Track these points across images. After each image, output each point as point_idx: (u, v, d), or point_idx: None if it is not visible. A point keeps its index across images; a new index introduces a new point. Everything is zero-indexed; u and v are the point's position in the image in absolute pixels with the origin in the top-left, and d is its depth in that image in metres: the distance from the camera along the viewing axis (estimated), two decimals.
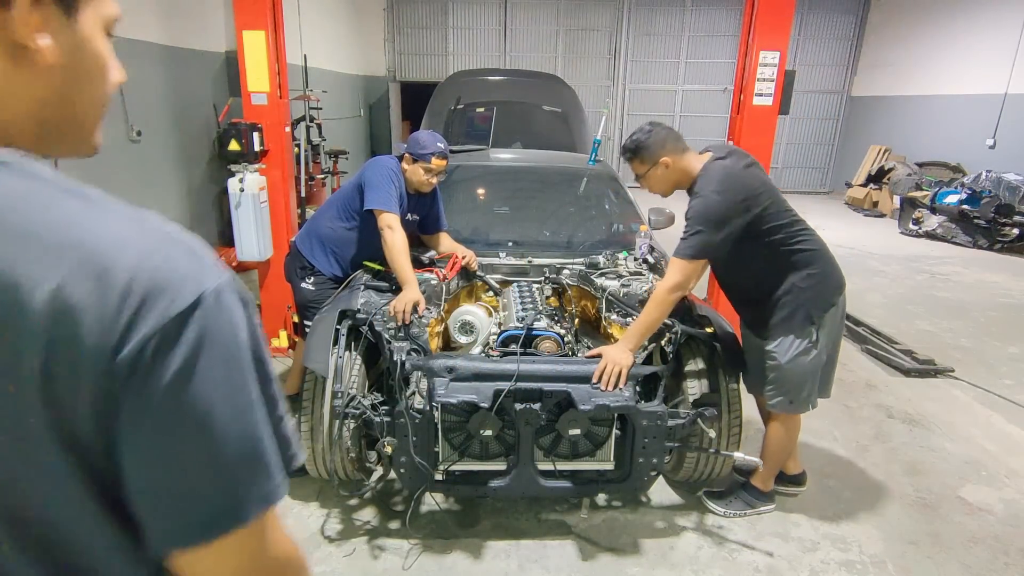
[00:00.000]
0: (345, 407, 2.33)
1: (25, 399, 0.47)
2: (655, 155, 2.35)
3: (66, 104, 0.57)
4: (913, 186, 9.55)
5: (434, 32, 12.81)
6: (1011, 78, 9.16)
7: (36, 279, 0.46)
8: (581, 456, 2.41)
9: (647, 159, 2.36)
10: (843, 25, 12.64)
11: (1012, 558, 2.48)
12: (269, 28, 3.66)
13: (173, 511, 0.52)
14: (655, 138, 2.36)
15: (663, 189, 2.43)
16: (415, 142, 2.81)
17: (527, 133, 5.41)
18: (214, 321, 0.51)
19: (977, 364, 4.37)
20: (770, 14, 3.61)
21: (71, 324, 0.46)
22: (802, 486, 2.81)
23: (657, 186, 2.42)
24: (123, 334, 0.47)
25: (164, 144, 5.52)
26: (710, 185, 2.27)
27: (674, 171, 2.36)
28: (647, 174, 2.39)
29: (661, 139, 2.36)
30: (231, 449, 0.53)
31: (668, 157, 2.34)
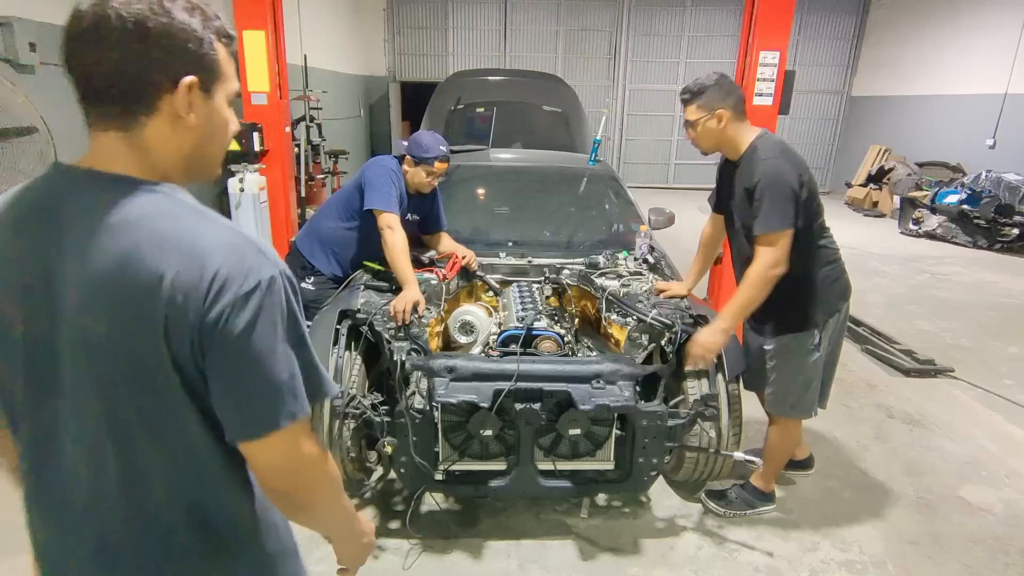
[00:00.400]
0: (345, 407, 2.33)
1: (155, 340, 0.75)
2: (715, 104, 2.22)
3: (202, 151, 0.85)
4: (913, 186, 9.56)
5: (434, 32, 12.81)
6: (1011, 78, 9.16)
7: (167, 267, 0.74)
8: (581, 456, 2.41)
9: (705, 106, 2.22)
10: (843, 25, 12.64)
11: (1012, 558, 2.48)
12: (269, 28, 3.66)
13: (236, 416, 0.81)
14: (721, 87, 2.23)
15: (708, 144, 2.30)
16: (417, 144, 2.81)
17: (527, 133, 5.41)
18: (267, 299, 0.78)
19: (977, 364, 4.37)
20: (770, 14, 3.61)
21: (182, 297, 0.74)
22: (809, 469, 2.84)
23: (704, 139, 2.28)
24: (210, 304, 0.75)
25: None
26: (772, 152, 2.18)
27: (726, 129, 2.24)
28: (700, 122, 2.25)
29: (726, 90, 2.23)
30: (270, 380, 0.80)
31: (727, 112, 2.22)
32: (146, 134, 0.79)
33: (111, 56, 0.74)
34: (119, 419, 0.80)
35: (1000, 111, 9.30)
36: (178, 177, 0.83)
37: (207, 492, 0.87)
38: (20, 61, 3.75)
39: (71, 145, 4.16)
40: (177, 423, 0.81)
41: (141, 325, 0.74)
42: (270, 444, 0.81)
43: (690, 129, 2.31)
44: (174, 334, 0.75)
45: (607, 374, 2.29)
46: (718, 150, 2.36)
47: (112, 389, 0.78)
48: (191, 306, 0.74)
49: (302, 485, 0.87)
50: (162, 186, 0.80)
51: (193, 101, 0.79)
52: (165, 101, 0.78)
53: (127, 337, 0.76)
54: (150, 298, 0.73)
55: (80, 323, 0.76)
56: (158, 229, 0.75)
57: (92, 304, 0.75)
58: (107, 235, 0.74)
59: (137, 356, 0.76)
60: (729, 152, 2.34)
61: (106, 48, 0.73)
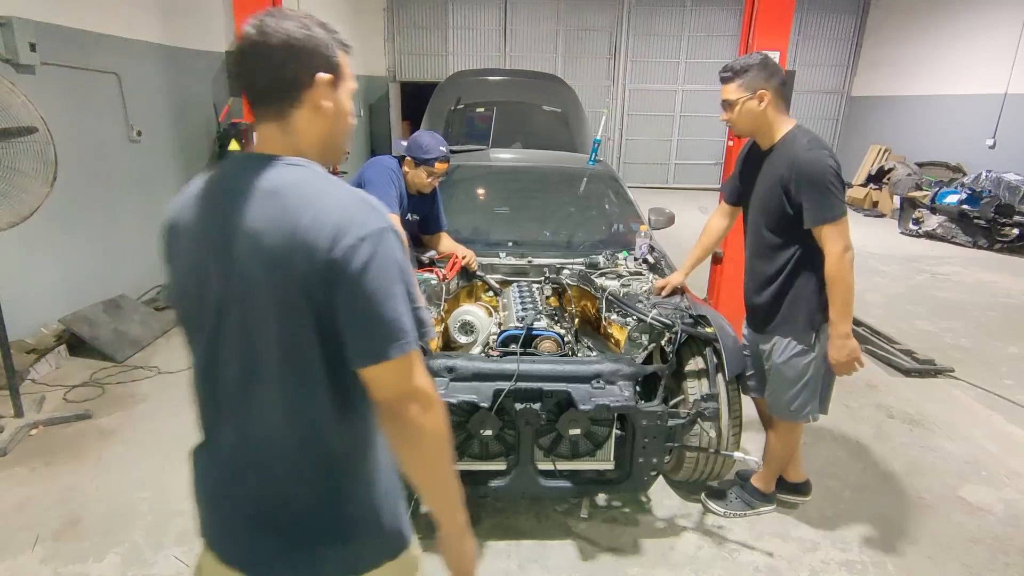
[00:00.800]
0: None
1: (294, 280, 0.93)
2: (758, 84, 2.13)
3: (332, 133, 1.07)
4: (913, 186, 9.56)
5: (434, 32, 12.81)
6: (1011, 78, 9.16)
7: (303, 219, 0.93)
8: (581, 456, 2.41)
9: (747, 85, 2.14)
10: (843, 25, 12.64)
11: (1012, 558, 2.48)
12: None
13: (358, 344, 0.97)
14: (765, 67, 2.14)
15: (744, 125, 2.22)
16: (417, 145, 2.80)
17: (527, 133, 5.41)
18: (379, 245, 0.94)
19: (977, 364, 4.37)
20: (770, 14, 3.61)
21: (312, 241, 0.92)
22: (806, 496, 2.74)
23: (742, 120, 2.20)
24: (332, 247, 0.92)
25: (164, 144, 5.51)
26: (817, 143, 2.13)
27: (766, 111, 2.16)
28: (739, 102, 2.17)
29: (771, 71, 2.14)
30: (384, 314, 0.95)
31: (768, 93, 2.14)
32: (294, 123, 1.02)
33: (270, 65, 0.98)
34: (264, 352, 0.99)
35: (1000, 111, 9.30)
36: (316, 157, 1.05)
37: (324, 421, 1.02)
38: (20, 61, 3.75)
39: (71, 145, 4.17)
40: (306, 356, 0.98)
41: (285, 268, 0.93)
42: (386, 370, 0.97)
43: (727, 110, 2.22)
44: (307, 274, 0.93)
45: (607, 374, 2.29)
46: (754, 134, 2.27)
47: (262, 325, 0.98)
48: (319, 248, 0.92)
49: (413, 413, 1.00)
50: (303, 161, 1.02)
51: (326, 93, 1.02)
52: (307, 95, 1.01)
53: (276, 279, 0.95)
54: (291, 244, 0.93)
55: (243, 268, 0.97)
56: (300, 192, 0.96)
57: (253, 252, 0.96)
58: (265, 199, 0.96)
59: (282, 295, 0.95)
60: (764, 138, 2.25)
61: (266, 60, 0.98)
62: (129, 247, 5.00)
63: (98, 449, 3.07)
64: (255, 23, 0.98)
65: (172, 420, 3.36)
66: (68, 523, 2.54)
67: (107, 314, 4.38)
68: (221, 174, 1.05)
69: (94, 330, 4.15)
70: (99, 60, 4.55)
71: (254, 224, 0.95)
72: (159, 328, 4.55)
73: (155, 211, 5.41)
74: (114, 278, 4.77)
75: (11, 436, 3.06)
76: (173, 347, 4.34)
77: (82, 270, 4.45)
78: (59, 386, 3.69)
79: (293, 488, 1.04)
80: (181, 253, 1.06)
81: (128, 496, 2.72)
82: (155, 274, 5.39)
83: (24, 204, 2.88)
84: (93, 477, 2.85)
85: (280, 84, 0.99)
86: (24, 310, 3.88)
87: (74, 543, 2.42)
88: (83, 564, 2.32)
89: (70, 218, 4.30)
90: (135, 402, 3.56)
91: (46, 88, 4.02)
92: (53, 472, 2.87)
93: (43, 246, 4.08)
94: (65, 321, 4.12)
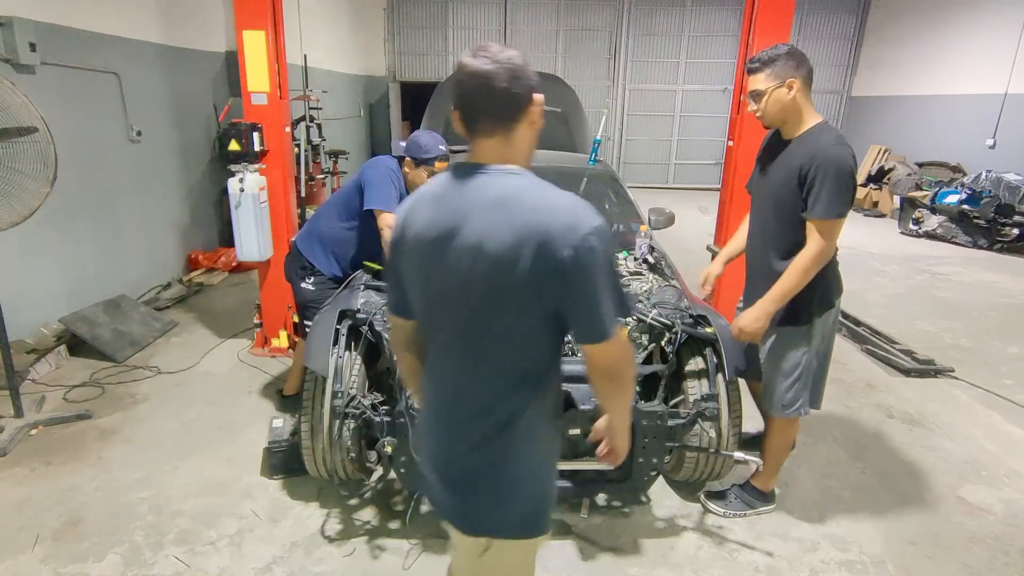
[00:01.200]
0: (345, 407, 2.33)
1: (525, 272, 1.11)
2: (787, 73, 2.14)
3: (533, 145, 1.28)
4: (913, 186, 9.56)
5: (434, 32, 12.81)
6: (1011, 78, 9.16)
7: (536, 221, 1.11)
8: (581, 456, 2.41)
9: (777, 74, 2.14)
10: (843, 25, 12.64)
11: (1012, 558, 2.48)
12: (269, 28, 3.66)
13: (583, 327, 1.18)
14: (793, 56, 2.15)
15: (774, 114, 2.21)
16: (416, 146, 2.80)
17: None
18: (599, 240, 1.13)
19: (977, 364, 4.37)
20: (770, 14, 3.61)
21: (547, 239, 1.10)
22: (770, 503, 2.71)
23: (771, 108, 2.19)
24: (564, 243, 1.10)
25: (164, 144, 5.52)
26: (839, 140, 2.14)
27: (795, 100, 2.17)
28: (769, 91, 2.17)
29: (798, 60, 2.15)
30: (604, 302, 1.15)
31: (798, 81, 2.14)
32: (514, 136, 1.22)
33: (503, 88, 1.17)
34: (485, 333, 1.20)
35: (1000, 111, 9.30)
36: (524, 164, 1.25)
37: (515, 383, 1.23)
38: (20, 61, 3.75)
39: (71, 145, 4.17)
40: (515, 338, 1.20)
41: (517, 262, 1.11)
42: (606, 346, 1.19)
43: (754, 100, 2.23)
44: (538, 269, 1.11)
45: None
46: (782, 123, 2.26)
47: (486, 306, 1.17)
48: (553, 245, 1.10)
49: (622, 369, 1.26)
50: (519, 170, 1.22)
51: (537, 111, 1.22)
52: (526, 113, 1.21)
53: (505, 271, 1.12)
54: (525, 242, 1.10)
55: (473, 263, 1.14)
56: (528, 197, 1.15)
57: (484, 249, 1.13)
58: (496, 203, 1.14)
59: (510, 286, 1.13)
60: (791, 126, 2.25)
61: (499, 84, 1.16)
62: (129, 247, 5.01)
63: (98, 449, 3.07)
64: (484, 54, 1.17)
65: (172, 420, 3.36)
66: (68, 523, 2.54)
67: (107, 314, 4.38)
68: (450, 180, 1.24)
69: (94, 330, 4.15)
70: (99, 60, 4.55)
71: (486, 224, 1.14)
72: (159, 328, 4.55)
73: (155, 211, 5.42)
74: (114, 278, 4.77)
75: (11, 436, 3.06)
76: (173, 347, 4.34)
77: (82, 270, 4.45)
78: (59, 386, 3.69)
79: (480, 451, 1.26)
80: (409, 251, 1.25)
81: (128, 496, 2.72)
82: (155, 274, 5.40)
83: (24, 204, 2.88)
84: (93, 477, 2.85)
85: (511, 104, 1.19)
86: (24, 310, 3.88)
87: (74, 543, 2.42)
88: (83, 564, 2.32)
89: (70, 218, 4.30)
90: (135, 402, 3.56)
91: (46, 88, 4.02)
92: (53, 472, 2.88)
93: (43, 246, 4.08)
94: (65, 321, 4.12)
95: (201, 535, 2.49)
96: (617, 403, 1.36)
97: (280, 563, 2.34)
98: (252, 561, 2.35)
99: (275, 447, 2.81)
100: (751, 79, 2.21)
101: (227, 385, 3.79)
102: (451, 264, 1.18)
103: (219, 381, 3.84)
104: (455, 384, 1.27)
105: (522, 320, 1.17)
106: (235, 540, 2.47)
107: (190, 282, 5.60)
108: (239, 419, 3.37)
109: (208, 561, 2.35)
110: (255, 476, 2.87)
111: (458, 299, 1.19)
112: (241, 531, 2.52)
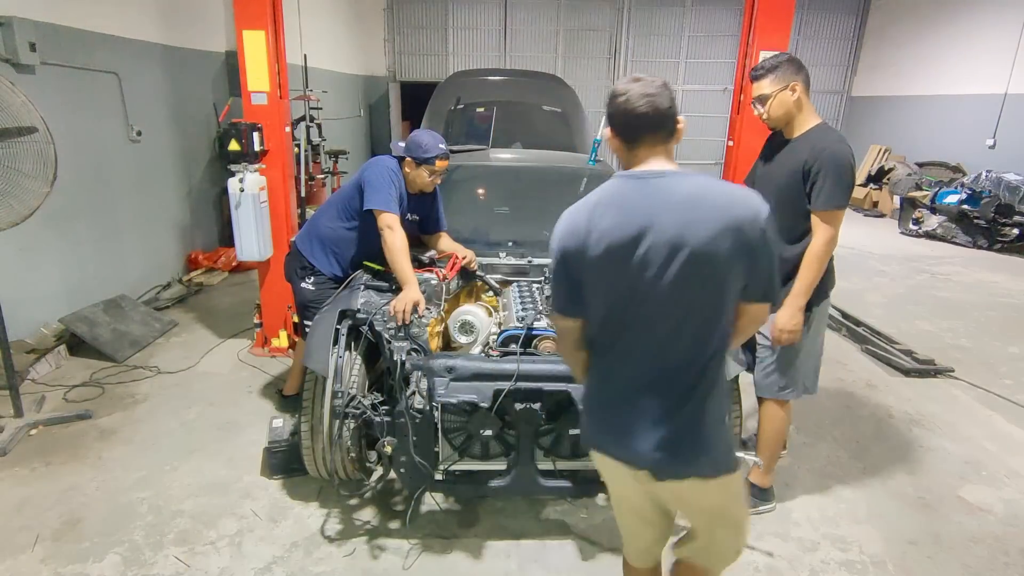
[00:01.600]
0: (345, 407, 2.33)
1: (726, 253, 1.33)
2: (789, 77, 2.33)
3: None
4: (913, 186, 9.55)
5: (434, 32, 12.81)
6: (1011, 78, 9.16)
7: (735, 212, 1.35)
8: (581, 456, 2.41)
9: (781, 79, 2.33)
10: (843, 25, 12.64)
11: (1012, 558, 2.48)
12: (269, 28, 3.66)
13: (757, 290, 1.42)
14: (793, 63, 2.35)
15: (779, 115, 2.37)
16: (416, 145, 2.80)
17: (527, 133, 5.40)
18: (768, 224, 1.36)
19: (977, 364, 4.37)
20: (770, 14, 3.61)
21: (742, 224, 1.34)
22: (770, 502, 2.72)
23: (776, 110, 2.36)
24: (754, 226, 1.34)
25: (164, 144, 5.52)
26: (839, 137, 2.31)
27: (798, 101, 2.34)
28: (775, 94, 2.34)
29: (798, 67, 2.35)
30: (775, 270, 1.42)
31: (799, 84, 2.33)
32: (670, 147, 1.45)
33: (668, 109, 1.41)
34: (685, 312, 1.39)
35: (1000, 111, 9.30)
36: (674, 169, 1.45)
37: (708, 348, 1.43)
38: (20, 61, 3.75)
39: (71, 145, 4.17)
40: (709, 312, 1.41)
41: (718, 249, 1.33)
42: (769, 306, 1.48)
43: (760, 104, 2.38)
44: (736, 250, 1.34)
45: None
46: (786, 123, 2.40)
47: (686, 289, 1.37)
48: (746, 229, 1.34)
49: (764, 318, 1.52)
50: (691, 171, 1.43)
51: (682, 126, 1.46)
52: (677, 125, 1.44)
53: (707, 258, 1.34)
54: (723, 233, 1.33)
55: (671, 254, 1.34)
56: (713, 194, 1.37)
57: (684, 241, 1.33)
58: (686, 201, 1.36)
59: (711, 269, 1.35)
60: (794, 126, 2.40)
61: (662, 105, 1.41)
62: (129, 247, 5.01)
63: (98, 449, 3.08)
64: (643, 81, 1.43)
65: (172, 420, 3.36)
66: (68, 523, 2.54)
67: (107, 314, 4.38)
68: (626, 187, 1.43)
69: (94, 330, 4.16)
70: (99, 60, 4.55)
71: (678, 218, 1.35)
72: (159, 328, 4.55)
73: (155, 211, 5.42)
74: (114, 278, 4.77)
75: (11, 436, 3.06)
76: (173, 347, 4.35)
77: (82, 270, 4.46)
78: (59, 386, 3.69)
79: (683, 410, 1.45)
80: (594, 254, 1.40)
81: (128, 496, 2.72)
82: (155, 274, 5.40)
83: (24, 204, 2.88)
84: (93, 477, 2.85)
85: (670, 119, 1.43)
86: (24, 310, 3.88)
87: (74, 543, 2.43)
88: (83, 564, 2.32)
89: (70, 218, 4.31)
90: (135, 402, 3.56)
91: (46, 88, 4.02)
92: (53, 472, 2.88)
93: (43, 246, 4.08)
94: (65, 321, 4.12)
95: (201, 535, 2.49)
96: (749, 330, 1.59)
97: (280, 563, 2.34)
98: (252, 561, 2.35)
99: (275, 447, 2.81)
100: (756, 85, 2.38)
101: (227, 385, 3.79)
102: (648, 258, 1.36)
103: (219, 381, 3.85)
104: (655, 361, 1.45)
105: (717, 296, 1.39)
106: (235, 540, 2.47)
107: (190, 282, 5.60)
108: (239, 419, 3.38)
109: (208, 561, 2.35)
110: (255, 476, 2.88)
111: (656, 287, 1.38)
112: (241, 531, 2.52)
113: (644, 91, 1.40)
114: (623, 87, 1.43)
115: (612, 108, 1.44)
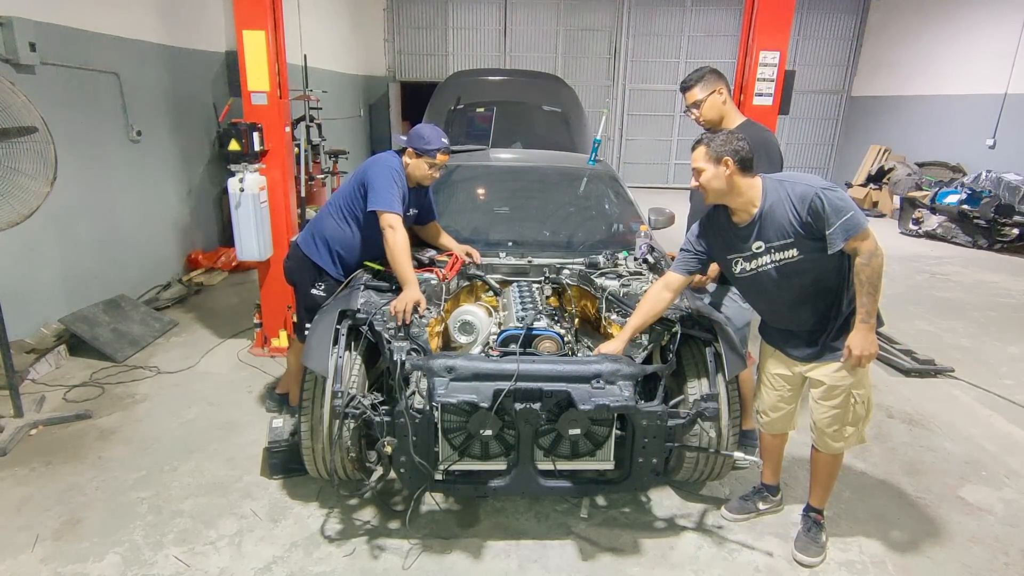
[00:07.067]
0: (345, 407, 2.33)
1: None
2: (715, 84, 2.70)
3: None
4: (913, 186, 9.55)
5: (434, 32, 12.81)
6: (1011, 78, 9.16)
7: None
8: (581, 456, 2.41)
9: (707, 87, 2.70)
10: (843, 25, 12.64)
11: (1012, 558, 2.48)
12: (269, 28, 3.66)
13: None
14: (715, 72, 2.73)
15: (713, 116, 2.72)
16: (418, 136, 2.80)
17: (527, 133, 5.41)
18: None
19: (977, 364, 4.37)
20: (770, 14, 3.61)
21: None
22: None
23: (709, 112, 2.71)
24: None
25: (164, 144, 5.52)
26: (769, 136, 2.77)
27: (724, 102, 2.71)
28: (705, 98, 2.69)
29: (719, 75, 2.73)
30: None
31: (724, 88, 2.71)
32: None
33: None
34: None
35: (1000, 111, 9.30)
36: None
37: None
38: (20, 61, 3.75)
39: (71, 145, 4.17)
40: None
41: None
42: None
43: (696, 108, 2.74)
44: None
45: (607, 374, 2.29)
46: (718, 122, 2.72)
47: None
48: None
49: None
50: None
51: None
52: None
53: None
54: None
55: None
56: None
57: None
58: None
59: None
60: (724, 125, 2.69)
61: None
62: (129, 247, 5.01)
63: (98, 449, 3.08)
64: None
65: (172, 420, 3.36)
66: (68, 523, 2.54)
67: (107, 314, 4.38)
68: None
69: (94, 330, 4.16)
70: (99, 60, 4.55)
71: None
72: (159, 328, 4.55)
73: (155, 211, 5.42)
74: (114, 278, 4.77)
75: (11, 436, 3.06)
76: (173, 347, 4.35)
77: (82, 270, 4.46)
78: (59, 386, 3.69)
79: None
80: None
81: (128, 496, 2.72)
82: (155, 274, 5.40)
83: (24, 204, 2.87)
84: (93, 477, 2.85)
85: None
86: (24, 310, 3.88)
87: (74, 543, 2.43)
88: (83, 564, 2.32)
89: (70, 218, 4.30)
90: (135, 402, 3.56)
91: (46, 88, 4.02)
92: (53, 472, 2.88)
93: (43, 246, 4.08)
94: (65, 321, 4.12)
95: (201, 535, 2.49)
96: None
97: (280, 563, 2.34)
98: (252, 561, 2.35)
99: (275, 447, 2.81)
100: (688, 94, 2.74)
101: (227, 385, 3.79)
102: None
103: (219, 381, 3.85)
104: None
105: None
106: (235, 540, 2.47)
107: (190, 282, 5.60)
108: (239, 419, 3.38)
109: (208, 561, 2.35)
110: (255, 476, 2.88)
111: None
112: (241, 531, 2.52)
113: None
114: None
115: None
